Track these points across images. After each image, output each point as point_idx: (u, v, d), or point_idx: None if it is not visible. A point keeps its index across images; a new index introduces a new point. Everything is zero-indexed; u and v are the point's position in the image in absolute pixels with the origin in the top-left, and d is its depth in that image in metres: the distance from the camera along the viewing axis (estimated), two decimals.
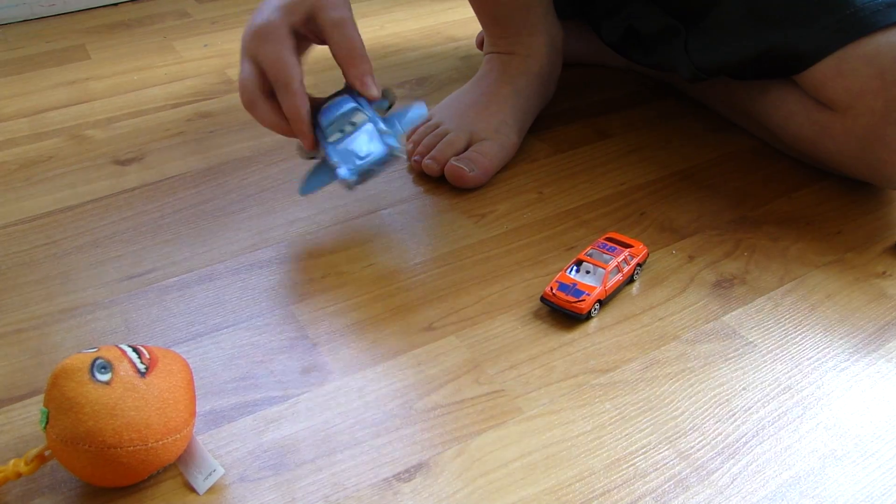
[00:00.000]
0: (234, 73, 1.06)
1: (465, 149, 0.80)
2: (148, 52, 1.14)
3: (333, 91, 0.71)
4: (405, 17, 1.24)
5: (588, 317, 0.62)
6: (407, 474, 0.50)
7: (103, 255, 0.71)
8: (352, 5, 0.68)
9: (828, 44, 0.70)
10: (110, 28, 1.26)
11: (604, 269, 0.63)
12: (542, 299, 0.62)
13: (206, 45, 1.16)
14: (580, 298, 0.61)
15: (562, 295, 0.61)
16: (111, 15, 1.32)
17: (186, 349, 0.60)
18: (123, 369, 0.47)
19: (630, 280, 0.66)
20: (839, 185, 0.79)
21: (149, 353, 0.49)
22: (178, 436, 0.48)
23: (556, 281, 0.63)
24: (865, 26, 0.68)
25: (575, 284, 0.62)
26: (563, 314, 0.62)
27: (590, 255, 0.65)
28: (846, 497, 0.49)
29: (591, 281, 0.62)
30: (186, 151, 0.88)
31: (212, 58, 1.12)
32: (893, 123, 0.67)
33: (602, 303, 0.63)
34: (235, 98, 0.97)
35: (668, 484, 0.50)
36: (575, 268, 0.64)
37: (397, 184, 0.80)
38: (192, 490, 0.50)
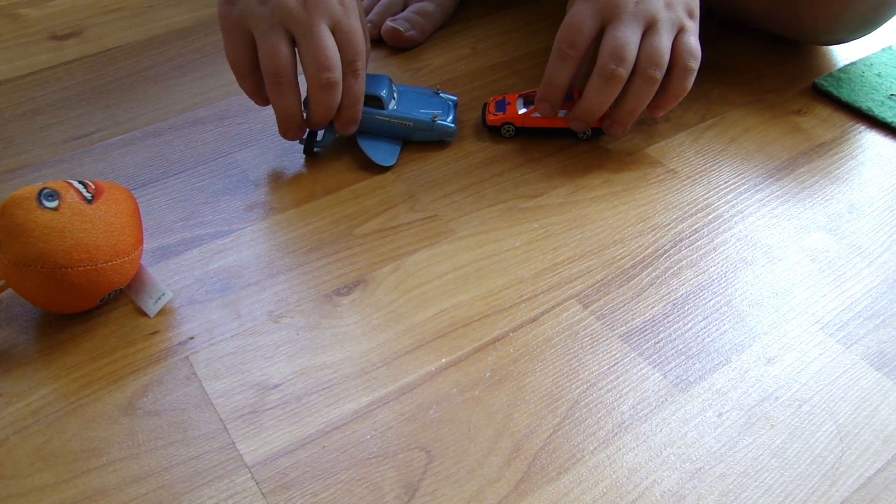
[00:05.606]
0: None
1: (403, 9, 0.81)
2: None
3: None
4: None
5: (497, 131, 0.66)
6: (346, 289, 0.53)
7: (46, 121, 0.72)
8: None
9: None
10: None
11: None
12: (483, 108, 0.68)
13: None
14: (496, 114, 0.65)
15: (491, 110, 0.65)
16: None
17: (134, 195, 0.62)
18: (70, 197, 0.49)
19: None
20: (758, 39, 0.82)
21: (94, 185, 0.51)
22: (126, 258, 0.50)
23: (502, 100, 0.67)
24: None
25: (509, 103, 0.65)
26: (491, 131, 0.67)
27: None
28: (753, 293, 0.54)
29: (523, 108, 0.65)
30: (125, 25, 0.88)
31: None
32: None
33: (521, 130, 0.66)
34: None
35: (592, 288, 0.54)
36: (524, 99, 0.67)
37: None
38: (143, 314, 0.52)
